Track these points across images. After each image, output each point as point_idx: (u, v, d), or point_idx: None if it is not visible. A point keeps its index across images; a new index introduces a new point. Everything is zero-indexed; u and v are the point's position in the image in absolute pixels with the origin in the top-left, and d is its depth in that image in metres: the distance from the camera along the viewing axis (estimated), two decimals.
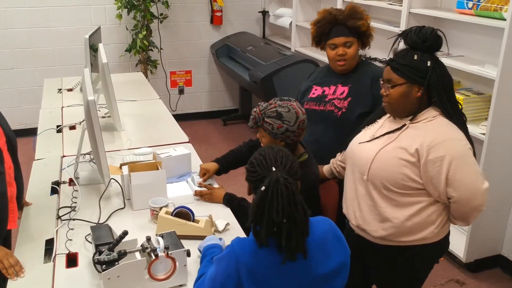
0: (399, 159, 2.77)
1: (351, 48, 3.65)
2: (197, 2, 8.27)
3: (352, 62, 3.70)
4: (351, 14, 3.62)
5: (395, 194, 2.82)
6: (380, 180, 2.84)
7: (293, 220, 2.13)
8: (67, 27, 7.71)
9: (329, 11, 3.66)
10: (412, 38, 2.78)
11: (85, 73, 3.43)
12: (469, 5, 4.53)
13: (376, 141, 2.90)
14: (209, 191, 3.45)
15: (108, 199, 3.40)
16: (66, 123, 4.76)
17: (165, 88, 8.48)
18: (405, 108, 2.82)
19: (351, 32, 3.63)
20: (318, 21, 3.70)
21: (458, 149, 2.70)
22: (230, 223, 3.12)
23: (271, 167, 2.22)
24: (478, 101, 4.58)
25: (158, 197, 3.20)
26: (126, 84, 6.12)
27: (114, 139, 4.42)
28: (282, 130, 3.04)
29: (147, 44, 7.58)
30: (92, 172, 3.69)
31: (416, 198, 2.81)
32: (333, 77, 3.81)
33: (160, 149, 3.84)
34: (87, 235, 2.95)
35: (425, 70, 2.74)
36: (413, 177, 2.76)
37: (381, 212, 2.88)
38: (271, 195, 2.12)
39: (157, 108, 5.32)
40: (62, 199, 3.41)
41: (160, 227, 2.96)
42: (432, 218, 2.83)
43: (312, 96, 3.84)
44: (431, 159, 2.70)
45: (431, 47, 2.78)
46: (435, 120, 2.78)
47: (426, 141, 2.71)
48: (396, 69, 2.78)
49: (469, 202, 2.74)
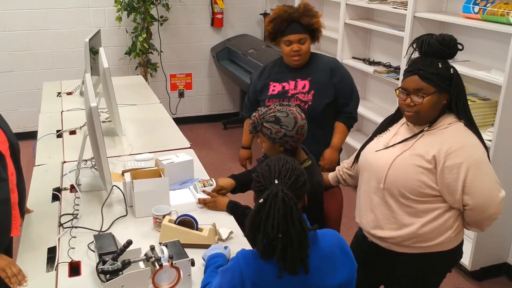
0: (416, 166, 2.78)
1: (305, 44, 3.90)
2: (197, 4, 8.28)
3: (306, 57, 3.97)
4: (305, 12, 3.86)
5: (412, 201, 2.84)
6: (397, 188, 2.85)
7: (288, 236, 2.12)
8: (66, 30, 7.71)
9: (284, 9, 3.89)
10: (436, 46, 2.78)
11: (87, 78, 3.43)
12: (475, 9, 4.51)
13: (391, 149, 2.91)
14: (213, 199, 3.44)
15: (110, 206, 3.40)
16: (66, 127, 4.76)
17: (165, 91, 8.49)
18: (432, 116, 2.83)
19: (304, 29, 3.87)
20: (274, 18, 3.92)
21: (476, 156, 2.73)
22: (234, 232, 3.11)
23: (274, 179, 2.21)
24: (484, 107, 4.57)
25: (161, 204, 3.20)
26: (126, 88, 6.12)
27: (115, 144, 4.42)
28: (280, 135, 3.05)
29: (147, 46, 7.58)
30: (94, 178, 3.68)
31: (433, 204, 2.83)
32: (289, 72, 4.03)
33: (162, 155, 3.85)
34: (89, 243, 2.95)
35: (450, 78, 2.78)
36: (430, 184, 2.78)
37: (398, 220, 2.90)
38: (268, 209, 2.11)
39: (157, 112, 5.33)
40: (64, 206, 3.40)
41: (163, 235, 2.96)
42: (449, 223, 2.86)
43: (272, 93, 4.01)
44: (448, 165, 2.72)
45: (453, 54, 2.82)
46: (452, 127, 2.80)
47: (444, 148, 2.73)
48: (427, 78, 2.76)
49: (485, 210, 2.77)
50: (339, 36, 6.42)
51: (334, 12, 7.08)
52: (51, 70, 7.82)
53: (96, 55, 5.08)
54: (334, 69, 3.99)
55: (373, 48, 6.45)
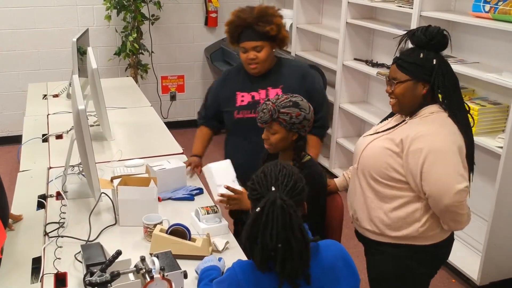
0: (385, 148, 2.96)
1: (262, 52, 3.80)
2: (191, 3, 8.29)
3: (264, 65, 3.86)
4: (259, 18, 3.74)
5: (380, 185, 3.00)
6: (368, 169, 3.04)
7: (289, 246, 2.11)
8: (52, 29, 7.71)
9: (238, 14, 3.81)
10: (419, 36, 2.92)
11: (74, 80, 3.43)
12: (486, 8, 4.47)
13: (376, 134, 3.09)
14: (238, 195, 3.25)
15: (98, 214, 3.40)
16: (52, 131, 4.76)
17: (156, 94, 8.49)
18: (411, 105, 2.97)
19: (260, 36, 3.75)
20: (229, 23, 3.85)
21: (438, 143, 2.84)
22: (230, 241, 3.11)
23: (270, 186, 2.20)
24: (494, 112, 4.54)
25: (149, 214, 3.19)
26: (115, 90, 6.13)
27: (103, 149, 4.42)
28: (301, 118, 3.12)
29: (138, 47, 7.58)
30: (81, 185, 3.68)
31: (400, 192, 2.96)
32: (258, 81, 3.93)
33: (153, 161, 3.85)
34: (76, 254, 2.94)
35: (430, 68, 2.89)
36: (396, 168, 2.93)
37: (368, 203, 3.08)
38: (266, 218, 2.11)
39: (148, 116, 5.34)
40: (50, 214, 3.40)
41: (154, 246, 2.96)
42: (416, 215, 2.97)
43: (241, 104, 3.93)
44: (412, 150, 2.86)
45: (437, 45, 2.92)
46: (432, 116, 2.93)
47: (412, 133, 2.88)
48: (402, 67, 2.94)
49: (439, 200, 2.84)
50: (340, 36, 6.41)
51: (335, 11, 7.10)
52: (37, 71, 7.81)
53: (84, 56, 5.08)
54: (305, 75, 3.96)
55: (376, 49, 6.45)
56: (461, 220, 2.95)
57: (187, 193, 3.66)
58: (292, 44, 7.56)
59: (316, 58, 7.06)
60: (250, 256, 2.20)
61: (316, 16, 7.55)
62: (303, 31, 7.46)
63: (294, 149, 3.21)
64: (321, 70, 6.53)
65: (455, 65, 4.62)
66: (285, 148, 3.23)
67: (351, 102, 6.62)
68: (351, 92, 6.63)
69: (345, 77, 6.51)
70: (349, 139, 6.72)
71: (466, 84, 4.94)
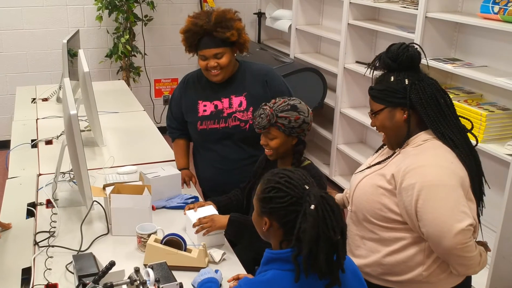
0: (377, 186, 2.79)
1: (223, 58, 3.74)
2: (185, 3, 8.32)
3: (227, 72, 3.81)
4: (217, 24, 3.68)
5: (376, 227, 2.83)
6: (361, 211, 2.87)
7: (345, 235, 2.14)
8: (42, 30, 7.72)
9: (194, 21, 3.72)
10: (384, 60, 2.82)
11: (66, 83, 3.44)
12: (494, 9, 4.43)
13: (368, 170, 2.94)
14: (209, 217, 3.24)
15: (90, 223, 3.41)
16: (41, 137, 4.77)
17: (148, 98, 8.50)
18: (397, 135, 2.81)
19: (220, 42, 3.71)
20: (186, 31, 3.78)
21: (433, 177, 2.64)
22: (227, 253, 3.12)
23: (303, 185, 2.20)
24: (503, 118, 4.48)
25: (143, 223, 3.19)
26: (106, 94, 6.14)
27: (95, 155, 4.43)
28: (300, 122, 3.15)
29: (130, 49, 7.60)
30: (73, 193, 3.69)
31: (400, 233, 2.77)
32: (220, 89, 3.89)
33: (146, 168, 3.86)
34: (68, 264, 2.95)
35: (403, 90, 2.74)
36: (392, 207, 2.75)
37: (366, 247, 2.91)
38: (323, 213, 2.09)
39: (141, 121, 5.36)
40: (39, 223, 3.40)
41: (148, 256, 2.97)
42: (419, 258, 2.76)
43: (204, 114, 3.88)
44: (404, 186, 2.67)
45: (404, 64, 2.77)
46: (425, 144, 2.75)
47: (403, 166, 2.69)
48: (374, 96, 2.82)
49: (439, 242, 2.62)
50: (342, 38, 6.41)
51: (336, 11, 7.12)
52: (25, 73, 7.82)
53: (75, 58, 5.09)
54: (269, 80, 3.90)
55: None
56: (470, 264, 2.67)
57: (182, 201, 3.66)
58: (291, 46, 7.58)
59: (316, 61, 7.07)
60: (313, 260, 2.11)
61: (316, 17, 7.56)
62: (303, 32, 7.47)
63: (293, 153, 3.24)
64: (321, 73, 6.56)
65: (462, 69, 4.64)
66: (286, 153, 3.25)
67: (353, 107, 6.61)
68: (353, 97, 6.61)
69: (346, 80, 6.50)
70: (350, 146, 6.72)
71: (474, 89, 4.94)
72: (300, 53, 7.55)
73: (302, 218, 2.12)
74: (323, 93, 6.67)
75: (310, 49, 7.65)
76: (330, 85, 6.86)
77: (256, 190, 2.33)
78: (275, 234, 2.25)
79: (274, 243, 2.29)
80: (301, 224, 2.11)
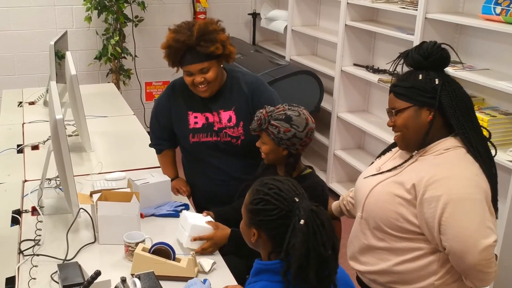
0: (394, 195, 2.74)
1: (209, 73, 3.64)
2: (177, 3, 8.34)
3: (214, 85, 3.73)
4: (200, 38, 3.58)
5: (389, 237, 2.80)
6: (374, 219, 2.84)
7: (336, 250, 2.14)
8: (28, 31, 7.73)
9: (176, 37, 3.62)
10: (414, 56, 2.77)
11: (52, 86, 3.46)
12: (497, 10, 4.40)
13: (379, 175, 2.89)
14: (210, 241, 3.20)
15: (76, 231, 3.41)
16: (28, 142, 4.78)
17: (139, 102, 8.52)
18: (418, 137, 2.76)
19: (205, 57, 3.61)
20: (167, 47, 3.70)
21: (460, 190, 2.60)
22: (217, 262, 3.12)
23: (293, 198, 2.19)
24: (505, 123, 4.46)
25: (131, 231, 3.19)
26: (95, 97, 6.16)
27: (82, 161, 4.45)
28: (289, 135, 3.10)
29: (120, 51, 7.62)
30: (59, 200, 3.70)
31: (415, 244, 2.75)
32: (209, 101, 3.82)
33: (135, 175, 3.88)
34: (53, 274, 2.96)
35: (433, 90, 2.70)
36: (409, 218, 2.72)
37: (376, 256, 2.89)
38: (313, 228, 2.09)
39: (131, 126, 5.37)
40: (24, 231, 3.41)
41: (136, 266, 2.97)
42: (433, 268, 2.75)
43: (195, 126, 3.84)
44: (427, 197, 2.63)
45: (436, 63, 2.75)
46: (448, 153, 2.71)
47: (426, 176, 2.65)
48: (400, 94, 2.76)
49: (462, 257, 2.60)
50: (339, 40, 6.41)
51: (333, 12, 7.09)
52: (12, 76, 7.82)
53: (62, 60, 5.10)
54: (253, 92, 3.80)
55: (378, 54, 6.44)
56: (488, 279, 2.66)
57: (172, 209, 3.67)
58: (287, 48, 7.59)
59: (312, 63, 7.07)
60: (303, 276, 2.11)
61: (313, 18, 7.58)
62: (299, 34, 7.48)
63: (285, 165, 3.22)
64: (318, 76, 6.58)
65: (463, 72, 4.63)
66: (278, 162, 3.25)
67: (350, 111, 6.61)
68: (350, 101, 6.61)
69: (343, 84, 6.50)
70: (348, 152, 6.70)
71: (475, 93, 4.91)
72: (296, 55, 7.56)
73: (291, 232, 2.12)
74: (320, 96, 6.69)
75: (306, 51, 7.66)
76: (326, 89, 6.86)
77: (245, 199, 2.34)
78: (264, 245, 2.27)
79: (263, 254, 2.31)
80: (291, 239, 2.11)
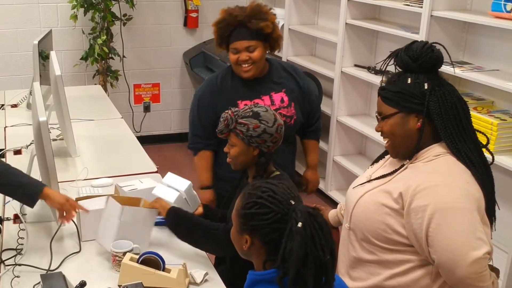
0: (382, 205, 2.72)
1: (255, 52, 3.89)
2: (168, 1, 8.34)
3: (258, 67, 3.96)
4: (253, 15, 3.80)
5: (377, 248, 2.78)
6: (361, 230, 2.82)
7: (334, 255, 2.13)
8: (11, 30, 7.73)
9: (229, 11, 3.87)
10: (402, 58, 2.74)
11: (35, 87, 3.46)
12: (507, 7, 4.35)
13: (369, 184, 2.87)
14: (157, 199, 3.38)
15: (60, 240, 3.41)
16: (10, 146, 4.78)
17: (127, 105, 8.51)
18: (406, 145, 2.74)
19: (254, 35, 3.86)
20: (219, 22, 3.92)
21: (447, 199, 2.58)
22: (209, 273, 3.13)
23: (288, 200, 2.19)
24: None
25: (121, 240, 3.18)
26: (81, 100, 6.16)
27: (67, 167, 4.45)
28: (259, 131, 3.12)
29: (107, 51, 7.61)
30: (42, 207, 3.68)
31: (405, 255, 2.72)
32: (257, 87, 4.02)
33: (123, 181, 3.87)
34: (36, 285, 2.95)
35: (421, 95, 2.67)
36: (397, 229, 2.69)
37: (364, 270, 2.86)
38: (311, 231, 2.08)
39: (118, 129, 5.38)
40: (6, 240, 3.41)
41: (123, 277, 2.97)
42: (425, 282, 2.71)
43: None
44: (414, 207, 2.60)
45: (426, 65, 2.71)
46: (437, 160, 2.69)
47: (413, 185, 2.62)
48: (387, 98, 2.74)
49: (452, 270, 2.56)
50: (339, 39, 6.39)
51: (332, 10, 7.10)
52: None
53: (47, 61, 5.10)
54: (296, 74, 4.13)
55: (380, 54, 6.41)
56: None
57: (161, 217, 3.66)
58: (284, 48, 7.50)
59: (311, 64, 7.06)
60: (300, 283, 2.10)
61: (311, 16, 7.58)
62: (296, 33, 7.47)
63: (255, 166, 3.23)
64: (317, 78, 6.58)
65: (471, 73, 4.62)
66: (248, 165, 3.26)
67: (351, 115, 6.59)
68: (351, 104, 6.60)
69: (343, 86, 6.49)
70: (348, 157, 6.69)
71: (484, 95, 4.90)
72: (294, 55, 7.55)
73: (288, 236, 2.11)
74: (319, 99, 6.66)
75: (305, 51, 7.67)
76: (326, 91, 6.89)
77: (235, 205, 2.33)
78: (258, 253, 2.26)
79: (256, 263, 2.30)
80: (287, 243, 2.10)
